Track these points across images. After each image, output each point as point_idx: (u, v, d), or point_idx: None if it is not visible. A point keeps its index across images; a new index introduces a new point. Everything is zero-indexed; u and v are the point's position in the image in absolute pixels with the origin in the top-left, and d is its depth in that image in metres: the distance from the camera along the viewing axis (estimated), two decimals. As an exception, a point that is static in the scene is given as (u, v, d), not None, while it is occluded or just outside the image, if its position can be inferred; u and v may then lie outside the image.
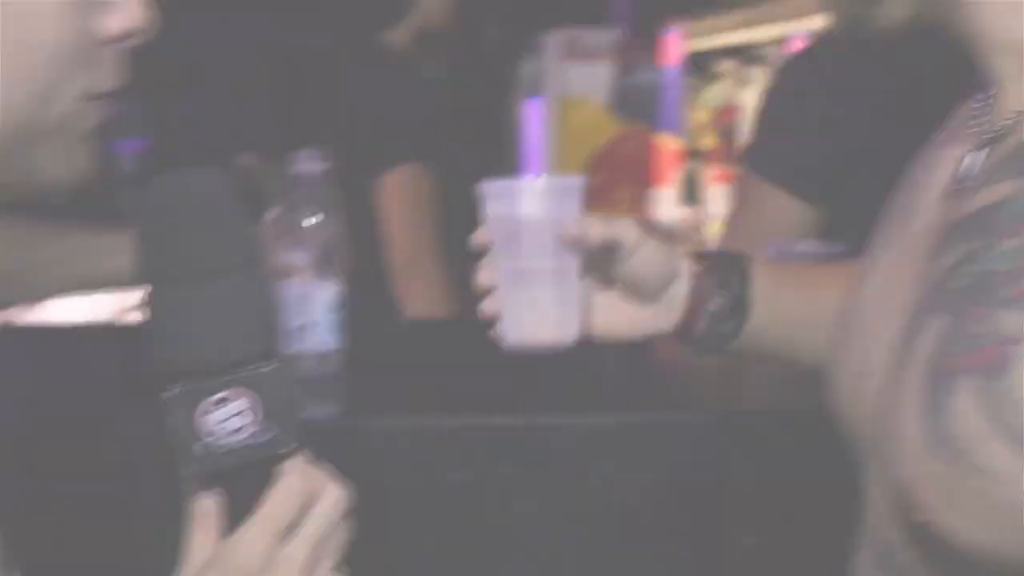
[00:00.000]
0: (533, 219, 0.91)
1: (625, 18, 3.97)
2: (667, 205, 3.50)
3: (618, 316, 0.97)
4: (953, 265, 0.69)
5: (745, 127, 3.50)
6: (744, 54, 3.82)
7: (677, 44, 3.52)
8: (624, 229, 0.90)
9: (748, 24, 3.59)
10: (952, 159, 0.77)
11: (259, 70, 2.33)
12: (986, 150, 0.74)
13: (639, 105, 3.50)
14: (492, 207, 0.93)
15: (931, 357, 0.67)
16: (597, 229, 0.89)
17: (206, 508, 0.68)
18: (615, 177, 3.48)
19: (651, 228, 0.95)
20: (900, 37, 0.81)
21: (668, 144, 3.48)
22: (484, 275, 0.94)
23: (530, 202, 0.91)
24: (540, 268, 0.92)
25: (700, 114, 3.88)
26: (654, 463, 1.31)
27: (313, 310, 1.28)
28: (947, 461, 0.63)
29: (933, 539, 0.66)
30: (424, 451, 1.25)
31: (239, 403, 0.65)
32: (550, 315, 0.93)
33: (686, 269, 0.96)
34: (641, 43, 3.55)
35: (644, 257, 0.92)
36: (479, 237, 0.94)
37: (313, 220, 1.42)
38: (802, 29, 3.38)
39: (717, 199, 3.57)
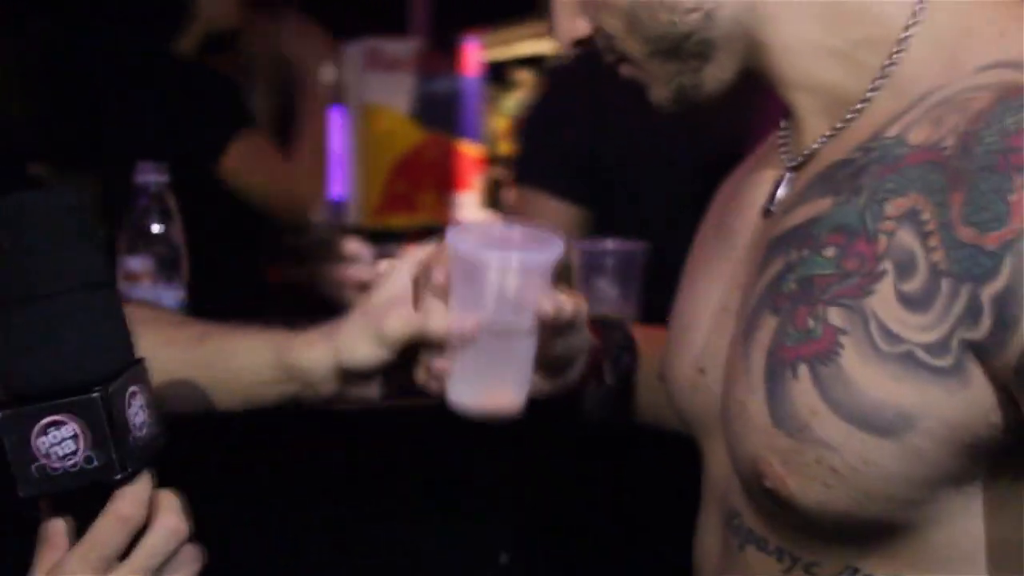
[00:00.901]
0: (508, 270, 0.81)
1: (424, 28, 4.04)
2: (469, 209, 3.51)
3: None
4: (779, 272, 0.76)
5: None
6: (540, 64, 3.83)
7: (476, 54, 3.54)
8: (579, 307, 0.88)
9: (544, 34, 3.62)
10: (764, 182, 0.85)
11: (49, 80, 2.27)
12: (792, 175, 0.82)
13: (440, 113, 3.51)
14: (459, 247, 0.82)
15: (770, 348, 0.75)
16: (569, 307, 0.86)
17: (53, 529, 0.67)
18: (418, 183, 3.48)
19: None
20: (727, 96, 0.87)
21: (469, 151, 3.50)
22: (445, 324, 0.84)
23: (504, 251, 0.82)
24: (513, 326, 0.83)
25: (499, 122, 3.88)
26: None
27: None
28: (790, 435, 0.72)
29: (779, 501, 0.74)
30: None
31: (68, 428, 0.64)
32: (511, 376, 0.85)
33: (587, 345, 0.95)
34: (441, 53, 3.56)
35: (580, 335, 0.91)
36: (436, 276, 0.85)
37: (156, 228, 1.45)
38: None
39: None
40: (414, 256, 0.87)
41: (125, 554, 0.67)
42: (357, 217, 3.44)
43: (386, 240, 3.39)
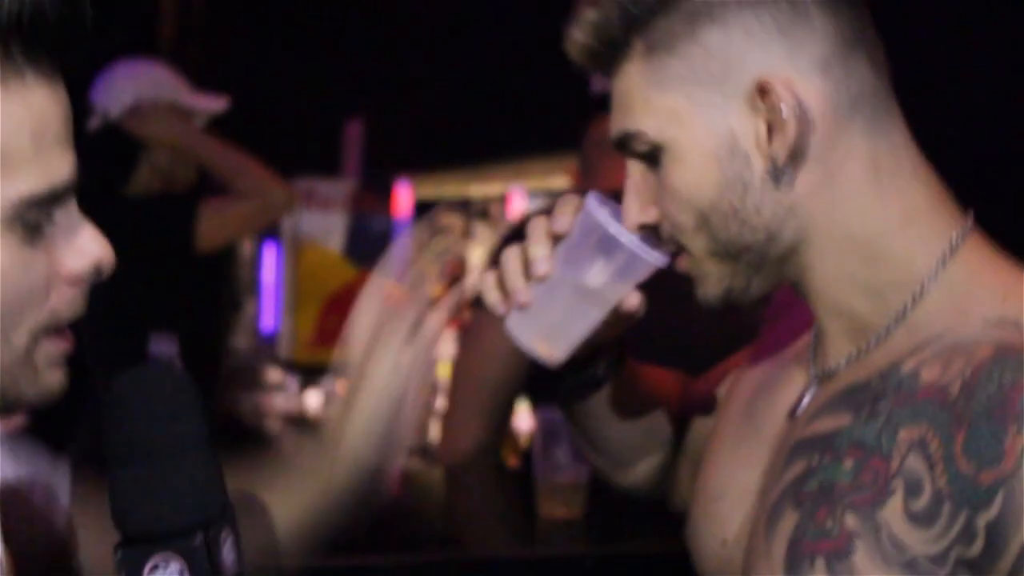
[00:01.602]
0: (625, 250, 0.90)
1: (358, 169, 4.10)
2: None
3: None
4: (802, 472, 0.85)
5: (470, 277, 3.48)
6: (469, 208, 3.93)
7: (407, 196, 3.62)
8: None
9: (473, 180, 3.72)
10: (793, 384, 0.93)
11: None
12: (817, 386, 0.91)
13: (372, 251, 3.47)
14: (597, 213, 0.90)
15: (791, 539, 0.83)
16: (641, 310, 0.94)
17: None
18: (349, 319, 3.42)
19: None
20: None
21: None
22: (543, 264, 0.91)
23: (621, 232, 0.89)
24: (600, 296, 0.92)
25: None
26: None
27: None
28: None
29: None
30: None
31: (174, 567, 0.71)
32: (569, 334, 0.93)
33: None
34: (373, 193, 3.66)
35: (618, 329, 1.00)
36: (561, 223, 0.91)
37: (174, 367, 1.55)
38: (520, 187, 3.57)
39: (445, 342, 3.54)
40: (374, 298, 0.95)
41: None
42: (288, 350, 3.45)
43: (317, 374, 3.40)
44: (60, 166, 0.71)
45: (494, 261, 0.95)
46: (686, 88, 0.85)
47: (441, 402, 2.63)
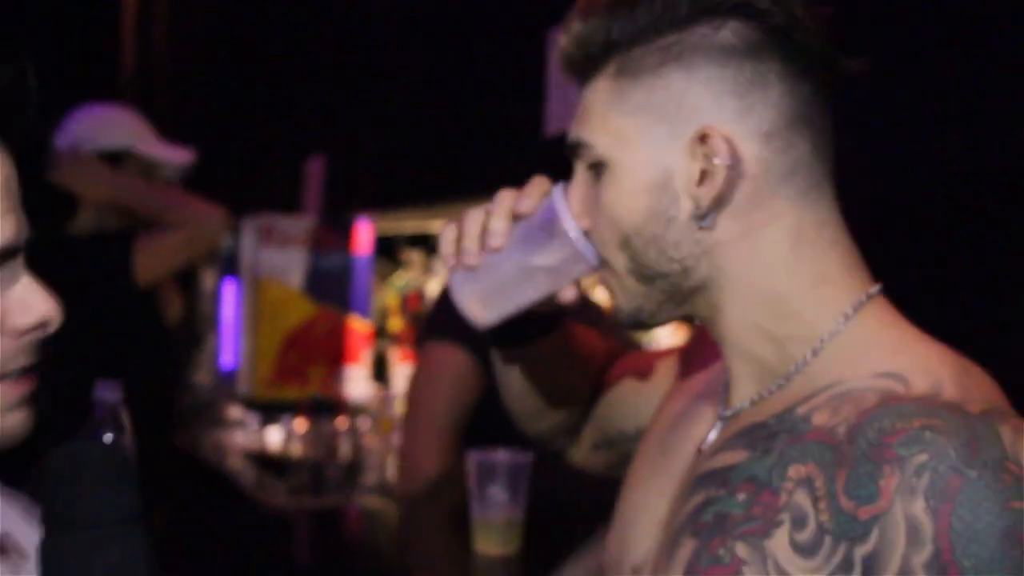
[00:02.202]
0: (569, 239, 0.94)
1: (317, 206, 4.10)
2: (357, 382, 3.56)
3: None
4: (700, 503, 0.91)
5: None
6: (429, 244, 3.94)
7: (367, 232, 3.63)
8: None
9: (432, 216, 3.71)
10: (704, 420, 1.00)
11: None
12: (722, 423, 0.97)
13: (331, 288, 3.58)
14: (560, 203, 0.94)
15: (687, 567, 0.89)
16: (575, 304, 1.01)
17: None
18: (308, 355, 3.53)
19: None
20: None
21: (358, 325, 3.56)
22: (497, 238, 0.97)
23: (572, 228, 0.94)
24: (539, 278, 0.96)
25: (389, 297, 3.93)
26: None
27: None
28: None
29: None
30: None
31: None
32: (504, 304, 0.98)
33: None
34: (333, 230, 3.64)
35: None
36: (526, 203, 0.97)
37: (110, 438, 1.57)
38: None
39: (404, 378, 3.57)
40: None
41: None
42: (248, 387, 3.45)
43: (276, 411, 3.41)
44: (4, 229, 0.75)
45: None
46: (640, 117, 0.89)
47: (397, 438, 2.64)
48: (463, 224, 1.01)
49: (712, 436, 0.98)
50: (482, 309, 0.99)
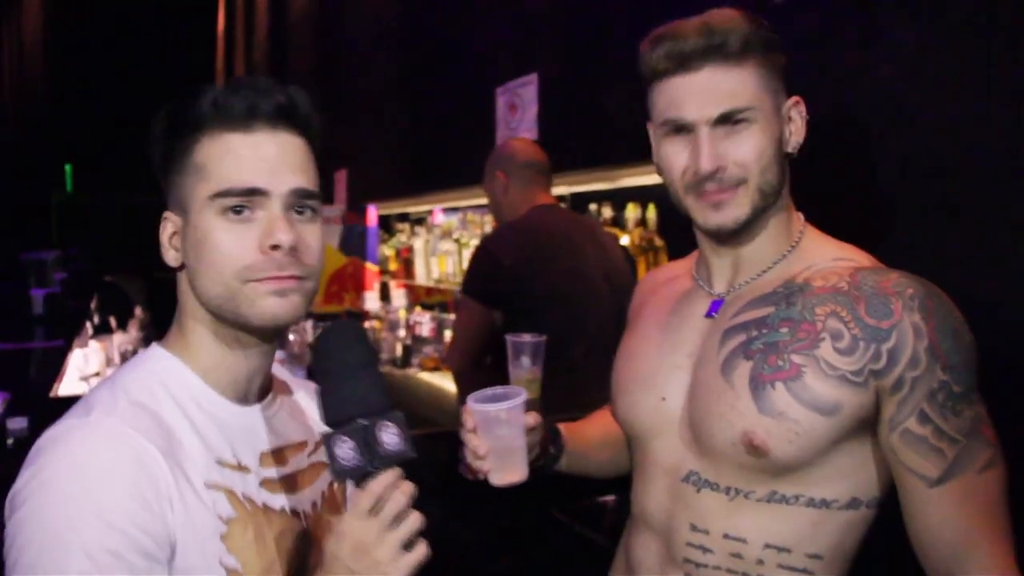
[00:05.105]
0: (503, 412, 1.13)
1: (344, 199, 5.02)
2: (372, 301, 4.50)
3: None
4: (743, 341, 1.07)
5: (415, 261, 4.36)
6: (410, 219, 4.87)
7: (374, 213, 4.60)
8: (538, 419, 1.23)
9: (414, 203, 4.63)
10: (697, 302, 1.18)
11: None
12: (727, 298, 1.16)
13: (354, 246, 4.51)
14: (477, 407, 1.14)
15: (751, 375, 1.05)
16: (534, 421, 1.21)
17: (354, 492, 0.93)
18: (343, 286, 4.45)
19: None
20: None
21: (371, 269, 4.49)
22: (479, 445, 1.15)
23: (489, 407, 1.14)
24: (513, 438, 1.15)
25: (389, 251, 4.71)
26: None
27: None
28: (772, 418, 1.05)
29: (760, 455, 1.06)
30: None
31: (349, 444, 0.92)
32: (519, 461, 1.16)
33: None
34: (355, 212, 4.58)
35: (538, 432, 1.27)
36: (468, 423, 1.15)
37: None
38: (440, 206, 4.32)
39: (399, 297, 4.59)
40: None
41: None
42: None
43: (325, 319, 4.11)
44: (294, 179, 0.94)
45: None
46: (772, 90, 1.11)
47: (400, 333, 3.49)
48: (467, 450, 1.19)
49: (716, 308, 1.14)
50: (515, 475, 1.16)
